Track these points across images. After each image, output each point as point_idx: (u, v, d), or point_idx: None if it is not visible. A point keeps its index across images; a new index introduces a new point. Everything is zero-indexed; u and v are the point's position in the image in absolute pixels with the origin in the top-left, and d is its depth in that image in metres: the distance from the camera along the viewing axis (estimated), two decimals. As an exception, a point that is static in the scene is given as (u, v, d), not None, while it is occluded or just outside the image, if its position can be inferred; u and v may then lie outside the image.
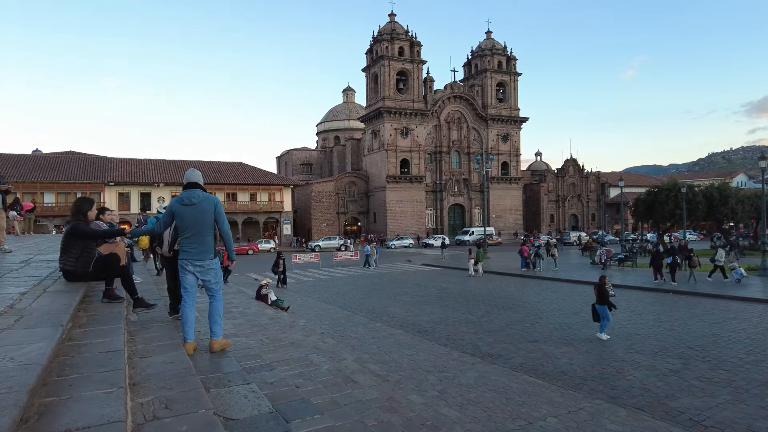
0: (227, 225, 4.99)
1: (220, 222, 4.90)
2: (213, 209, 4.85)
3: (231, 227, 47.86)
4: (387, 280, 23.78)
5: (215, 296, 5.09)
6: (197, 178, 5.11)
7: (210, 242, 4.90)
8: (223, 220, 4.93)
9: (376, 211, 63.54)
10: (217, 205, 4.91)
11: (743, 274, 19.81)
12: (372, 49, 62.93)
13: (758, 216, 37.74)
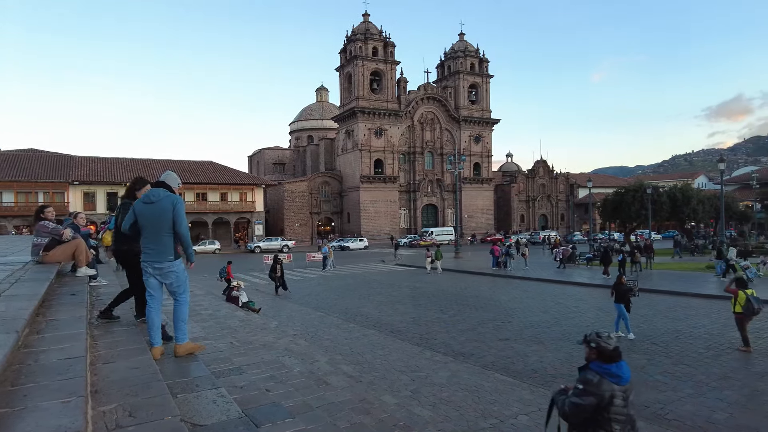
0: (185, 226, 4.78)
1: (177, 223, 4.69)
2: (171, 208, 4.70)
3: (201, 228, 46.84)
4: (360, 280, 23.74)
5: (178, 300, 4.93)
6: (166, 177, 4.99)
7: (168, 243, 4.75)
8: (181, 221, 4.73)
9: (350, 212, 63.38)
10: (177, 205, 4.73)
11: (757, 273, 19.88)
12: (346, 49, 62.76)
13: (717, 216, 39.23)
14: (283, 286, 19.14)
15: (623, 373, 3.19)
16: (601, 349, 3.24)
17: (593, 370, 3.22)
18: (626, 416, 3.14)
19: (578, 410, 3.14)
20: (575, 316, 13.63)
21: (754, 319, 10.03)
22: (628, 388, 3.19)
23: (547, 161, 77.50)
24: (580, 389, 3.18)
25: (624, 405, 3.13)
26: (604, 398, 3.08)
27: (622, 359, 3.28)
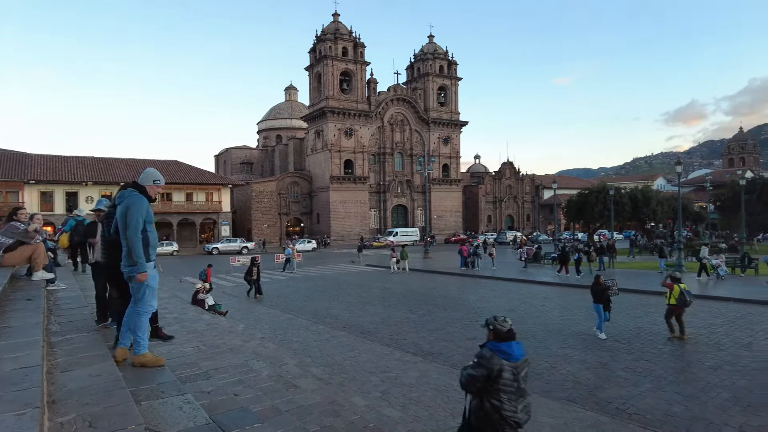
0: (131, 230, 4.56)
1: (122, 226, 4.54)
2: (125, 211, 4.58)
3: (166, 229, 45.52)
4: (330, 281, 23.62)
5: (133, 305, 4.78)
6: (141, 176, 4.87)
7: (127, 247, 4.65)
8: (127, 224, 4.55)
9: (319, 212, 62.99)
10: (130, 206, 4.58)
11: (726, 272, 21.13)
12: (315, 48, 62.37)
13: (675, 216, 40.81)
14: (258, 291, 18.30)
15: (513, 352, 3.68)
16: (496, 331, 3.75)
17: (488, 348, 3.73)
18: (515, 389, 3.63)
19: (472, 380, 3.64)
20: (541, 315, 13.93)
21: (710, 320, 10.47)
22: (518, 365, 3.67)
23: (513, 163, 79.08)
24: (475, 362, 3.67)
25: (513, 379, 3.62)
26: (494, 371, 3.58)
27: (515, 340, 3.76)
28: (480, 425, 3.71)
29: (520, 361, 3.71)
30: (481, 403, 3.69)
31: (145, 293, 4.76)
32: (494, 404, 3.62)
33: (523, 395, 3.73)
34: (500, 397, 3.60)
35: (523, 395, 3.72)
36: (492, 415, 3.63)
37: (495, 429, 3.66)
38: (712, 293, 17.19)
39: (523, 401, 3.71)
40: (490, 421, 3.64)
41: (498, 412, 3.60)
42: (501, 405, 3.59)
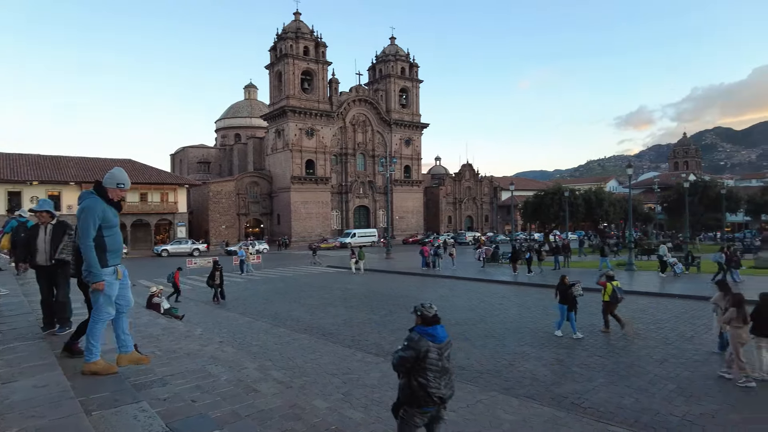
0: (81, 237, 4.40)
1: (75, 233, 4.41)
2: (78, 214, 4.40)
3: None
4: (291, 283, 23.34)
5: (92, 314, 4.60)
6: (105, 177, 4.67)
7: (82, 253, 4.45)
8: (80, 232, 4.40)
9: (280, 213, 62.13)
10: (83, 210, 4.41)
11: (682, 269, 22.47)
12: (276, 47, 61.49)
13: (626, 217, 42.62)
14: (221, 295, 17.53)
15: (438, 334, 4.08)
16: (423, 316, 4.14)
17: (416, 331, 4.10)
18: (440, 367, 4.01)
19: (403, 361, 4.01)
20: (499, 313, 14.24)
21: (659, 316, 10.96)
22: (443, 346, 4.07)
23: (472, 165, 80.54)
24: (405, 345, 4.03)
25: (438, 359, 4.00)
26: (421, 352, 3.95)
27: (440, 324, 4.16)
28: (408, 401, 4.05)
29: (444, 343, 4.09)
30: (409, 381, 4.02)
31: (99, 300, 4.57)
32: (421, 382, 3.96)
33: (447, 373, 4.09)
34: (426, 375, 3.95)
35: (446, 373, 4.08)
36: (418, 392, 3.97)
37: (420, 404, 4.01)
38: (662, 290, 18.05)
39: (446, 378, 4.08)
40: (417, 397, 3.99)
41: (424, 388, 3.95)
42: (427, 382, 3.95)
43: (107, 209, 4.63)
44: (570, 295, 11.28)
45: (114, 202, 4.76)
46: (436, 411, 4.13)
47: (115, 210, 4.79)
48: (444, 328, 4.20)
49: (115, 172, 4.75)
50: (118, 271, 4.74)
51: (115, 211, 4.78)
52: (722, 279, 9.37)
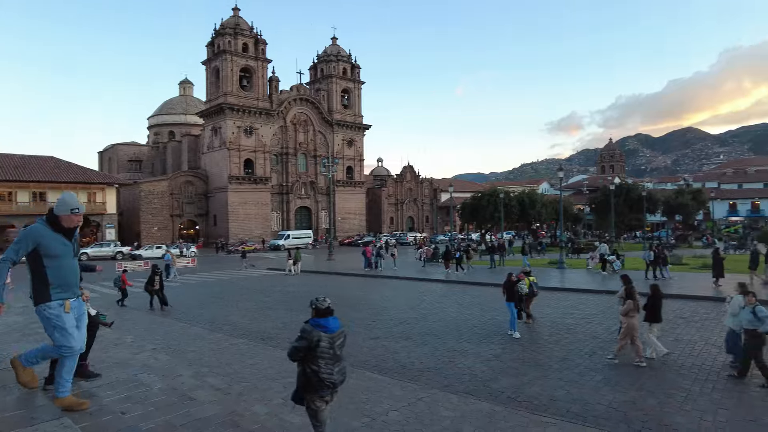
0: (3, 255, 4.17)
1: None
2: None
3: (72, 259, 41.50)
4: (228, 287, 22.64)
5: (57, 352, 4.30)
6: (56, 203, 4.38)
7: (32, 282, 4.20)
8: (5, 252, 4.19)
9: (216, 214, 60.10)
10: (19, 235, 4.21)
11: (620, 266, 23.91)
12: (214, 42, 59.44)
13: (557, 218, 44.84)
14: (163, 302, 16.30)
15: (330, 325, 4.42)
16: (317, 309, 4.48)
17: (309, 323, 4.42)
18: (331, 355, 4.37)
19: (296, 350, 4.34)
20: (439, 311, 14.53)
21: (588, 311, 11.58)
22: (334, 336, 4.42)
23: (413, 167, 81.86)
24: (299, 336, 4.36)
25: (329, 347, 4.35)
26: (313, 341, 4.29)
27: (332, 316, 4.51)
28: (303, 387, 4.39)
29: (336, 333, 4.44)
30: (303, 369, 4.36)
31: (53, 334, 4.28)
32: (313, 369, 4.30)
33: (339, 360, 4.46)
34: (318, 363, 4.29)
35: (338, 360, 4.45)
36: (312, 378, 4.31)
37: (315, 389, 4.35)
38: (591, 287, 19.13)
39: (338, 365, 4.45)
40: (311, 383, 4.33)
41: (317, 375, 4.30)
42: (319, 369, 4.29)
43: (52, 238, 4.30)
44: (516, 293, 11.61)
45: (66, 230, 4.43)
46: (330, 396, 4.45)
47: (64, 239, 4.43)
48: (337, 319, 4.54)
49: (66, 197, 4.44)
50: (66, 305, 4.39)
51: (64, 240, 4.42)
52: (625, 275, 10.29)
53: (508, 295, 11.59)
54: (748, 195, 73.84)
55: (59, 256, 4.35)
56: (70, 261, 4.48)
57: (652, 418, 6.33)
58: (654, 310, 9.25)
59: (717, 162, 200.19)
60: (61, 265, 4.37)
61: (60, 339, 4.28)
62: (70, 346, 4.33)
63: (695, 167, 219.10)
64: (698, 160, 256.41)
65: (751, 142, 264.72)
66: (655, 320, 9.28)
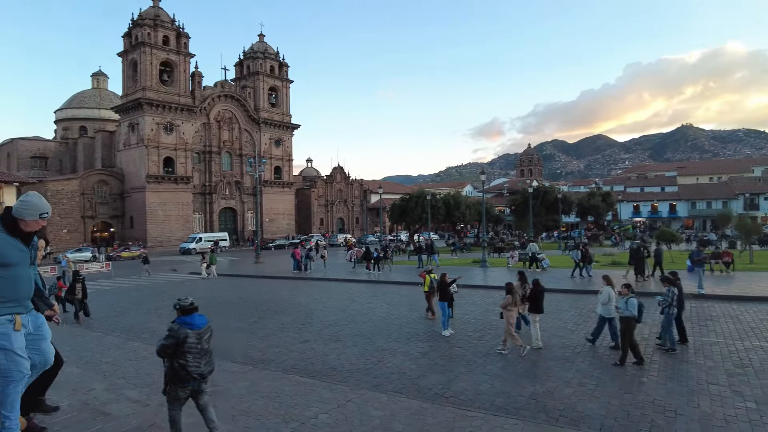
0: None
1: None
2: None
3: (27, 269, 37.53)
4: (147, 292, 21.38)
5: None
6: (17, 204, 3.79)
7: None
8: None
9: (133, 215, 56.52)
10: None
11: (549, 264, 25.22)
12: (131, 33, 55.87)
13: (480, 219, 46.69)
14: (84, 312, 14.90)
15: (195, 322, 4.76)
16: (181, 308, 4.80)
17: (176, 322, 4.73)
18: (199, 350, 4.69)
19: (164, 348, 4.60)
20: (369, 312, 14.63)
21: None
22: (201, 332, 4.75)
23: (343, 168, 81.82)
24: (167, 335, 4.63)
25: (197, 342, 4.68)
26: (180, 338, 4.59)
27: (197, 313, 4.86)
28: (172, 380, 4.66)
29: (202, 329, 4.78)
30: (171, 363, 4.64)
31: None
32: (181, 363, 4.60)
33: (206, 354, 4.81)
34: (186, 357, 4.59)
35: (206, 354, 4.80)
36: (180, 372, 4.61)
37: (182, 381, 4.64)
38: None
39: (206, 358, 4.79)
40: (179, 376, 4.62)
41: (185, 368, 4.60)
42: (187, 363, 4.60)
43: (7, 244, 3.73)
44: (449, 293, 11.83)
45: (24, 234, 3.84)
46: (197, 385, 4.77)
47: (21, 245, 3.84)
48: (203, 316, 4.90)
49: (34, 199, 3.85)
50: (16, 321, 3.76)
51: (21, 246, 3.83)
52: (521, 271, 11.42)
53: (441, 294, 11.79)
54: (648, 198, 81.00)
55: (14, 265, 3.77)
56: (26, 270, 3.91)
57: (568, 406, 6.76)
58: (536, 302, 10.20)
59: (623, 167, 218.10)
60: (15, 276, 3.79)
61: (8, 363, 3.66)
62: (21, 372, 3.72)
63: (605, 171, 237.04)
64: (607, 165, 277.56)
65: (651, 150, 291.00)
66: (537, 311, 10.19)
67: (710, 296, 15.47)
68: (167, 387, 4.73)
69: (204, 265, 27.03)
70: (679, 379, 7.76)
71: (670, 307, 9.37)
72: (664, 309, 9.48)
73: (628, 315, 8.54)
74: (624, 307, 8.66)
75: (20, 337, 3.78)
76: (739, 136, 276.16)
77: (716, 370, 8.20)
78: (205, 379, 4.85)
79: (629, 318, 8.53)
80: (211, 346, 4.97)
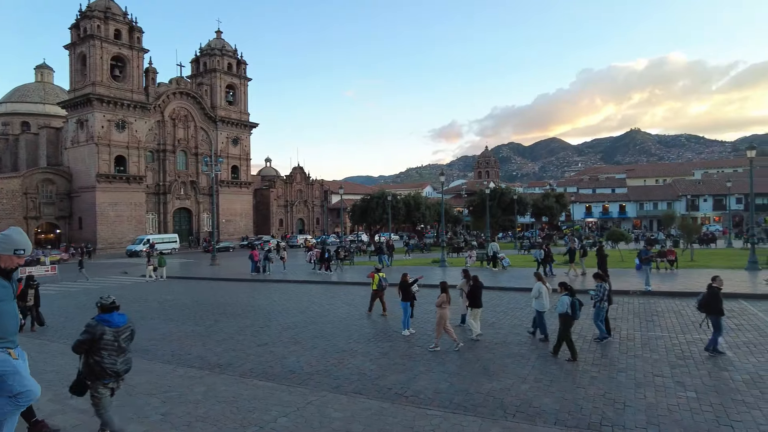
0: None
1: None
2: None
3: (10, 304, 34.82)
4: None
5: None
6: None
7: None
8: None
9: (82, 216, 53.97)
10: None
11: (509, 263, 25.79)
12: (79, 25, 53.26)
13: (439, 219, 47.27)
14: (38, 320, 13.85)
15: (113, 320, 4.90)
16: (102, 306, 4.98)
17: (95, 319, 4.89)
18: (115, 347, 4.82)
19: (80, 344, 4.76)
20: (329, 313, 14.54)
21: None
22: (119, 330, 4.89)
23: (303, 168, 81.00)
24: (84, 331, 4.79)
25: (114, 340, 4.81)
26: (96, 334, 4.74)
27: (117, 312, 5.00)
28: (87, 376, 4.80)
29: (121, 327, 4.91)
30: (86, 359, 4.78)
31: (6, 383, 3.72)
32: (96, 360, 4.72)
33: (123, 352, 4.92)
34: (102, 354, 4.71)
35: (123, 352, 4.91)
36: (95, 368, 4.73)
37: (98, 377, 4.76)
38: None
39: (123, 357, 4.90)
40: (94, 372, 4.75)
41: (100, 365, 4.72)
42: (102, 360, 4.72)
43: None
44: (411, 293, 11.85)
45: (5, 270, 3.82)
46: (115, 383, 4.89)
47: (3, 281, 3.82)
48: (123, 315, 5.03)
49: (13, 234, 3.82)
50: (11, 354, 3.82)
51: (3, 282, 3.80)
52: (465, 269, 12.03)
53: (403, 295, 11.78)
54: (600, 199, 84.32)
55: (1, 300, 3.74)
56: (11, 305, 3.89)
57: (525, 401, 6.95)
58: (474, 298, 10.83)
59: (576, 169, 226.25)
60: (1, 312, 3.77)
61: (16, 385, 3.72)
62: (30, 389, 3.84)
63: (559, 174, 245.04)
64: (561, 167, 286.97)
65: (602, 153, 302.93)
66: (476, 306, 10.81)
67: (656, 293, 16.26)
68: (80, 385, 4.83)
69: (150, 267, 26.19)
70: (628, 372, 8.12)
71: (601, 302, 10.16)
72: (595, 303, 10.25)
73: (561, 312, 9.12)
74: (559, 304, 9.20)
75: (20, 362, 3.99)
76: (682, 141, 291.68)
77: (661, 362, 8.63)
78: (121, 377, 4.96)
79: (563, 314, 9.10)
80: (130, 346, 5.08)
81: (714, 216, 74.72)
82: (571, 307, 9.09)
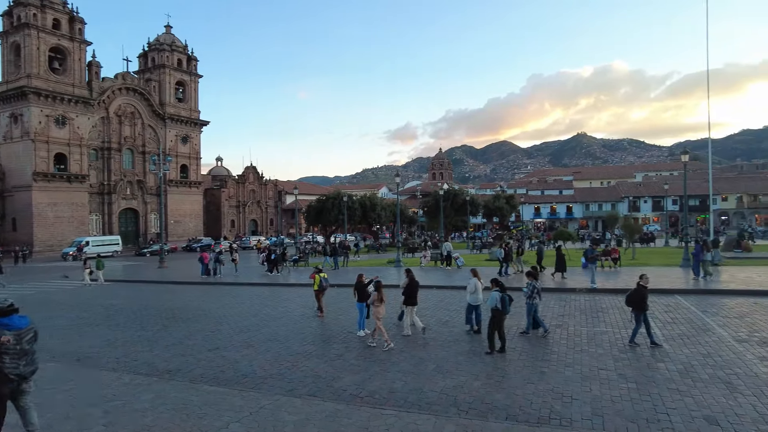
0: None
1: None
2: None
3: None
4: (33, 303, 19.27)
5: None
6: None
7: None
8: None
9: (17, 217, 50.68)
10: None
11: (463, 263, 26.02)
12: (12, 12, 50.00)
13: (395, 220, 47.58)
14: None
15: (12, 323, 4.85)
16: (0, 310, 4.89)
17: None
18: (17, 351, 4.77)
19: None
20: (282, 316, 14.33)
21: (422, 305, 12.49)
22: (21, 333, 4.85)
23: (257, 168, 79.42)
24: None
25: (16, 343, 4.76)
26: None
27: (17, 314, 4.96)
28: None
29: (23, 330, 4.87)
30: None
31: None
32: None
33: (26, 354, 4.88)
34: (3, 358, 4.63)
35: (26, 354, 4.86)
36: None
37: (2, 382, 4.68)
38: (424, 283, 20.62)
39: (26, 359, 4.85)
40: None
41: (1, 370, 4.64)
42: (3, 364, 4.65)
43: None
44: (367, 294, 11.69)
45: None
46: (17, 386, 4.81)
47: None
48: (24, 317, 5.00)
49: None
50: None
51: None
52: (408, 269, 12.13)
53: (359, 296, 11.74)
54: (548, 200, 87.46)
55: None
56: None
57: (477, 398, 7.10)
58: (410, 296, 11.05)
59: (525, 171, 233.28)
60: None
61: None
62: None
63: (509, 176, 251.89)
64: (511, 169, 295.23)
65: (550, 156, 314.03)
66: (411, 303, 11.06)
67: (601, 290, 17.01)
68: None
69: (87, 271, 24.70)
70: (575, 367, 8.46)
71: (531, 298, 10.79)
72: (527, 299, 10.91)
73: (492, 306, 9.53)
74: (490, 299, 9.61)
75: None
76: (624, 145, 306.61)
77: (605, 356, 9.05)
78: (27, 380, 4.88)
79: (494, 309, 9.51)
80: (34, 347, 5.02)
81: (653, 216, 79.11)
82: (501, 302, 9.48)
